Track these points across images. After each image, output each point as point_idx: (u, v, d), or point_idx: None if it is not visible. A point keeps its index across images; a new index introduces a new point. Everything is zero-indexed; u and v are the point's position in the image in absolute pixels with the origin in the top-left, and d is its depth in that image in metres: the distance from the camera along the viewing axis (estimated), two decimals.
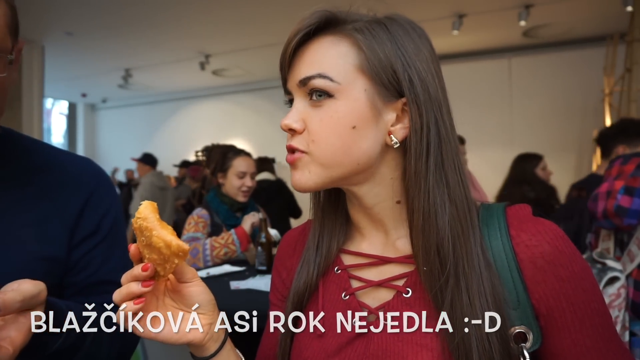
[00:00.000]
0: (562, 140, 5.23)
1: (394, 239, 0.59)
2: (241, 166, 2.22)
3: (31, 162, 0.75)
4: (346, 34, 0.55)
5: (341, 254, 0.64)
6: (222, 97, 8.17)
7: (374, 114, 0.54)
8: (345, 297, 0.59)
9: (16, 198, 0.70)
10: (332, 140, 0.54)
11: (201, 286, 0.55)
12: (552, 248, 0.51)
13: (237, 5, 4.45)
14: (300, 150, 0.56)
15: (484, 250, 0.53)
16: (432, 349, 0.51)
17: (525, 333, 0.50)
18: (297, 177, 0.56)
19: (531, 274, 0.51)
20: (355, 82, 0.54)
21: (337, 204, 0.65)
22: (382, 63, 0.53)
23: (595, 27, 5.06)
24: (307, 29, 0.55)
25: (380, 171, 0.57)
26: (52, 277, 0.71)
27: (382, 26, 0.55)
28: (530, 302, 0.51)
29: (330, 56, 0.54)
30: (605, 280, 1.73)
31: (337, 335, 0.57)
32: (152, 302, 0.54)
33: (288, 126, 0.56)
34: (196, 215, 2.20)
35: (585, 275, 0.51)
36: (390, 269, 0.59)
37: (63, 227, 0.73)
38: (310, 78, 0.54)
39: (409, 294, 0.55)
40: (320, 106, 0.54)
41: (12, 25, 0.65)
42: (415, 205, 0.54)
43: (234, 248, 2.03)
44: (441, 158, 0.54)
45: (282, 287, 0.71)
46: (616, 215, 1.75)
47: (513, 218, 0.55)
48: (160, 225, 0.49)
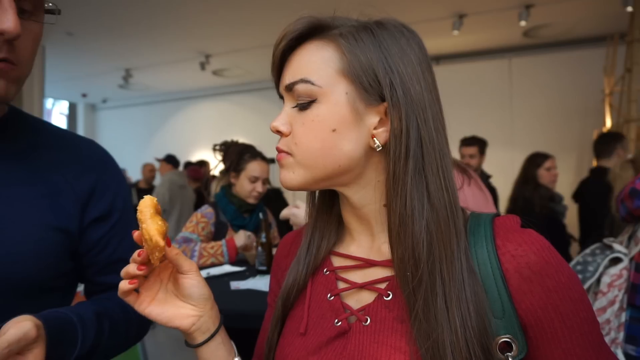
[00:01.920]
0: (562, 141, 5.23)
1: (380, 242, 0.60)
2: (255, 171, 2.18)
3: (40, 139, 0.76)
4: (331, 39, 0.56)
5: (331, 255, 0.65)
6: (222, 97, 8.17)
7: (354, 117, 0.55)
8: (330, 297, 0.61)
9: (28, 171, 0.72)
10: (312, 143, 0.56)
11: (196, 280, 0.59)
12: (538, 258, 0.50)
13: (237, 5, 4.46)
14: (285, 152, 0.58)
15: (468, 258, 0.52)
16: (406, 352, 0.51)
17: (510, 342, 0.50)
18: (283, 175, 0.59)
19: (517, 284, 0.50)
20: (336, 85, 0.55)
21: (332, 205, 0.66)
22: (364, 66, 0.54)
23: (595, 27, 5.06)
24: (292, 36, 0.57)
25: (366, 174, 0.58)
26: (63, 248, 0.73)
27: (367, 31, 0.55)
28: (516, 312, 0.50)
29: (313, 61, 0.56)
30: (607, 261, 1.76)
31: (318, 335, 0.58)
32: (156, 284, 0.60)
33: (276, 128, 0.59)
34: (200, 213, 2.19)
35: (572, 285, 0.51)
36: (375, 272, 0.59)
37: (75, 201, 0.75)
38: (294, 84, 0.56)
39: (390, 297, 0.56)
40: (304, 110, 0.56)
41: None
42: (393, 207, 0.54)
43: (221, 259, 2.05)
44: (422, 162, 0.54)
45: (277, 288, 0.72)
46: (629, 197, 1.80)
47: (500, 228, 0.54)
48: (152, 219, 0.54)
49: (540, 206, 3.01)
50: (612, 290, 1.72)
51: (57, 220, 0.72)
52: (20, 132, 0.75)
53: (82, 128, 9.34)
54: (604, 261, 1.76)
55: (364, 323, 0.56)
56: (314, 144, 0.55)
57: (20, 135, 0.74)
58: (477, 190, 1.74)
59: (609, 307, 1.73)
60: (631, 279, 1.77)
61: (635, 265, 1.77)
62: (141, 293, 0.59)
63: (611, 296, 1.73)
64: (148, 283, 0.60)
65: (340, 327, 0.57)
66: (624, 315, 1.75)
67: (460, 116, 5.11)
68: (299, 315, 0.63)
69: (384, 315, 0.55)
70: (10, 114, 0.76)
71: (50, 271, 0.71)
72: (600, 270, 1.76)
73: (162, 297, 0.60)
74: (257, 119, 7.69)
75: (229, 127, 8.04)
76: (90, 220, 0.77)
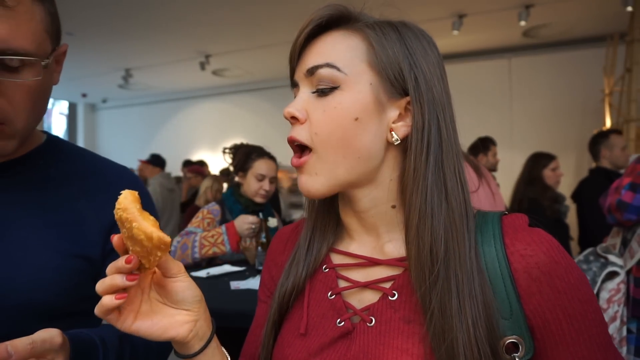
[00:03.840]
0: (562, 140, 5.22)
1: (384, 242, 0.59)
2: (261, 169, 2.17)
3: (72, 167, 0.79)
4: (357, 29, 0.56)
5: (330, 252, 0.64)
6: (222, 97, 8.17)
7: (377, 108, 0.54)
8: (331, 296, 0.59)
9: (56, 198, 0.74)
10: (334, 131, 0.54)
11: (186, 281, 0.53)
12: (547, 258, 0.50)
13: (237, 5, 4.45)
14: (300, 142, 0.55)
15: (477, 257, 0.52)
16: (414, 354, 0.50)
17: (517, 343, 0.49)
18: (304, 180, 0.56)
19: (526, 285, 0.50)
20: (362, 75, 0.54)
21: (331, 205, 0.65)
22: (390, 59, 0.54)
23: (595, 27, 5.06)
24: (319, 21, 0.56)
25: (381, 172, 0.57)
26: (84, 274, 0.73)
27: (393, 27, 0.56)
28: (523, 312, 0.50)
29: (339, 48, 0.55)
30: (604, 275, 1.75)
31: (320, 335, 0.56)
32: (137, 295, 0.53)
33: (291, 114, 0.56)
34: (206, 210, 2.18)
35: (581, 286, 0.50)
36: (378, 271, 0.58)
37: (99, 229, 0.76)
38: (317, 67, 0.54)
39: (395, 297, 0.54)
40: (325, 96, 0.55)
41: (51, 30, 0.67)
42: (412, 203, 0.53)
43: (223, 249, 1.99)
44: (441, 158, 0.54)
45: (271, 283, 0.70)
46: (617, 209, 1.78)
47: (508, 227, 0.54)
48: (142, 216, 0.47)
49: (550, 209, 2.97)
50: (612, 306, 1.71)
51: (79, 248, 0.73)
52: (56, 160, 0.78)
53: (82, 128, 9.34)
54: (601, 276, 1.74)
55: (368, 324, 0.54)
56: (336, 133, 0.54)
57: (55, 164, 0.77)
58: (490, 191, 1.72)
59: (611, 324, 1.72)
60: (632, 293, 1.75)
61: (634, 279, 1.76)
62: (123, 309, 0.51)
63: (612, 312, 1.71)
64: (129, 297, 0.51)
65: (344, 328, 0.55)
66: (624, 329, 1.74)
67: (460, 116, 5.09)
68: (298, 314, 0.61)
69: (390, 315, 0.54)
70: (48, 142, 0.79)
71: (71, 296, 0.71)
72: (598, 285, 1.74)
73: (147, 308, 0.53)
74: (257, 119, 7.69)
75: (228, 127, 8.03)
76: (112, 247, 0.77)
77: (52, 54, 0.68)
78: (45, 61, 0.65)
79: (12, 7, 0.60)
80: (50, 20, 0.67)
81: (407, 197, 0.54)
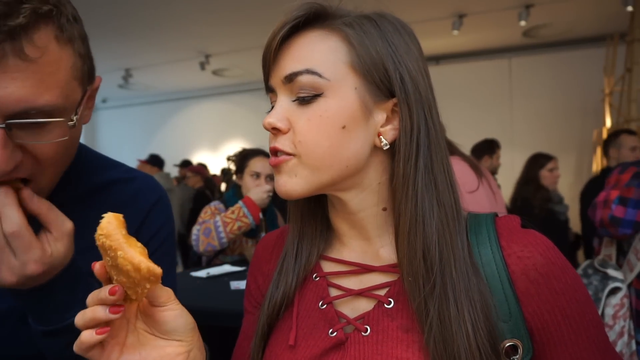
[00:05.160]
0: (562, 140, 5.23)
1: (377, 247, 0.57)
2: (256, 166, 2.17)
3: (94, 182, 0.73)
4: (335, 29, 0.52)
5: (321, 260, 0.60)
6: (222, 97, 8.17)
7: (364, 114, 0.51)
8: (322, 306, 0.56)
9: (78, 223, 0.64)
10: (321, 141, 0.50)
11: (177, 309, 0.48)
12: (544, 259, 0.49)
13: (237, 5, 4.45)
14: (285, 153, 0.52)
15: (472, 259, 0.51)
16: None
17: (516, 346, 0.48)
18: (282, 181, 0.52)
19: (524, 287, 0.49)
20: (345, 79, 0.51)
21: (317, 209, 0.61)
22: (374, 60, 0.51)
23: (595, 27, 5.06)
24: (296, 21, 0.51)
25: (368, 175, 0.54)
26: None
27: (372, 22, 0.52)
28: (522, 314, 0.49)
29: (318, 51, 0.51)
30: (608, 291, 1.74)
31: (310, 347, 0.53)
32: (122, 326, 0.48)
33: (272, 125, 0.52)
34: (213, 206, 2.20)
35: (578, 287, 0.50)
36: (372, 278, 0.55)
37: None
38: (297, 74, 0.50)
39: (391, 305, 0.52)
40: (307, 104, 0.51)
41: (81, 74, 0.58)
42: (402, 209, 0.51)
43: (247, 221, 1.98)
44: (430, 161, 0.52)
45: (258, 293, 0.67)
46: (611, 224, 1.77)
47: (503, 228, 0.53)
48: (127, 244, 0.42)
49: (539, 208, 3.00)
50: (618, 321, 1.70)
51: None
52: (77, 177, 0.70)
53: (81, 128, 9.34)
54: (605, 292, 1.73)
55: (363, 333, 0.51)
56: (323, 142, 0.50)
57: (76, 181, 0.70)
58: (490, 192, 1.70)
59: (619, 340, 1.71)
60: (634, 305, 1.75)
61: (636, 292, 1.76)
62: (106, 342, 0.46)
63: (618, 328, 1.70)
64: (113, 328, 0.46)
65: (336, 338, 0.52)
66: (633, 343, 1.73)
67: (460, 116, 5.10)
68: (287, 325, 0.57)
69: (386, 324, 0.51)
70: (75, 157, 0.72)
71: None
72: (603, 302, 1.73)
73: (133, 340, 0.48)
74: (257, 119, 7.66)
75: (228, 127, 8.04)
76: None
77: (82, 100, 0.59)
78: (72, 121, 0.56)
79: (35, 60, 0.49)
80: (81, 64, 0.57)
81: (397, 202, 0.52)
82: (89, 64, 0.60)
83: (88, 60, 0.60)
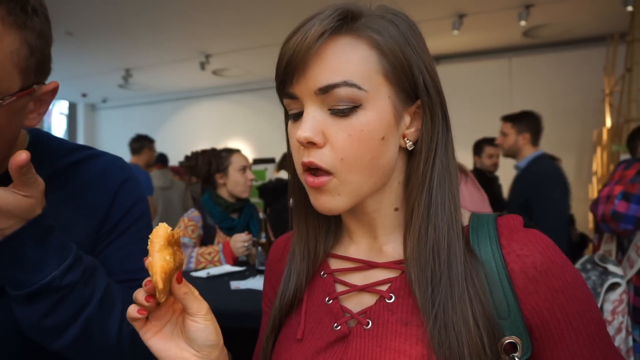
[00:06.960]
0: (562, 140, 5.22)
1: (382, 244, 0.59)
2: (241, 161, 2.27)
3: (59, 166, 0.73)
4: (363, 35, 0.50)
5: (328, 257, 0.63)
6: (222, 97, 8.17)
7: (397, 121, 0.53)
8: (328, 301, 0.58)
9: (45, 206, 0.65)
10: (363, 155, 0.50)
11: (203, 323, 0.52)
12: (544, 258, 0.50)
13: (237, 5, 4.45)
14: (324, 170, 0.50)
15: (473, 256, 0.52)
16: (411, 356, 0.49)
17: (515, 343, 0.49)
18: (324, 201, 0.52)
19: (523, 284, 0.50)
20: (380, 89, 0.50)
21: None
22: (404, 68, 0.51)
23: (595, 27, 5.06)
24: (331, 31, 0.49)
25: (392, 176, 0.56)
26: None
27: (392, 25, 0.51)
28: (521, 312, 0.50)
29: (352, 61, 0.49)
30: (607, 287, 1.75)
31: (316, 340, 0.56)
32: (167, 314, 0.54)
33: (308, 139, 0.49)
34: (187, 218, 2.20)
35: (578, 285, 0.50)
36: (376, 274, 0.57)
37: (86, 232, 0.72)
38: (334, 86, 0.48)
39: (392, 299, 0.54)
40: (345, 117, 0.49)
41: (25, 65, 0.56)
42: (416, 206, 0.53)
43: (218, 264, 2.08)
44: (447, 158, 0.54)
45: (272, 293, 0.69)
46: (612, 219, 1.77)
47: (504, 227, 0.54)
48: (159, 253, 0.48)
49: None
50: (617, 317, 1.71)
51: None
52: (42, 161, 0.69)
53: (82, 128, 9.34)
54: (604, 287, 1.74)
55: (365, 327, 0.53)
56: (365, 156, 0.50)
57: (42, 165, 0.68)
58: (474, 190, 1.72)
59: (617, 335, 1.72)
60: (632, 301, 1.76)
61: (634, 288, 1.76)
62: (149, 321, 0.53)
63: (617, 324, 1.72)
64: (159, 312, 0.53)
65: (340, 332, 0.54)
66: (630, 339, 1.74)
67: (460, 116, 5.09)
68: (296, 320, 0.61)
69: (387, 318, 0.53)
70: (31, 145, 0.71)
71: None
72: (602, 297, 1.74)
73: (168, 331, 0.53)
74: (257, 119, 7.68)
75: (229, 127, 8.04)
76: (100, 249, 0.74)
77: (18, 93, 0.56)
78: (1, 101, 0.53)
79: None
80: (28, 54, 0.56)
81: (412, 200, 0.54)
82: (39, 60, 0.59)
83: (39, 56, 0.59)
